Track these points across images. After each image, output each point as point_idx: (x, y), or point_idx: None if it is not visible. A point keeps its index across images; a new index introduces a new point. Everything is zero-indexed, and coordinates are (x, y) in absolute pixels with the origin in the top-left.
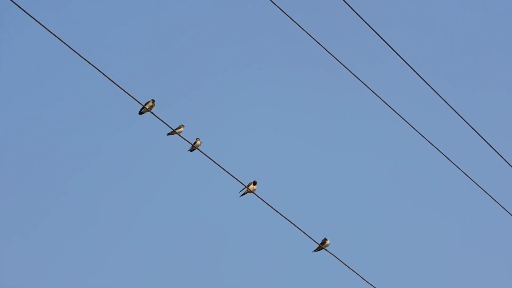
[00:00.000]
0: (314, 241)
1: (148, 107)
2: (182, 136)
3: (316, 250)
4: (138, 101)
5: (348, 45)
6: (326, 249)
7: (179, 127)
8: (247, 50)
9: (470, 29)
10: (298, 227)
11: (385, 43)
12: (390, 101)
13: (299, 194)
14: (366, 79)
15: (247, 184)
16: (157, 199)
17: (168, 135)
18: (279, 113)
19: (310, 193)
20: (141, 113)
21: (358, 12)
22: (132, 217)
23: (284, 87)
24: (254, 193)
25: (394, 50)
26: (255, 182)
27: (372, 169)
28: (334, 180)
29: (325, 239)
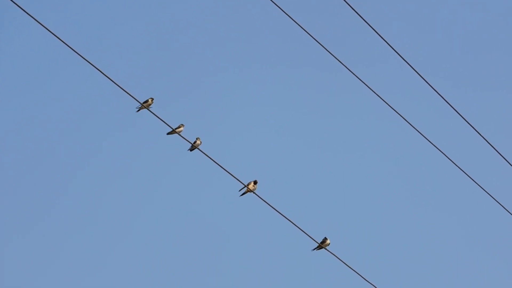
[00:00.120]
0: (314, 240)
1: (146, 105)
2: (182, 136)
3: (316, 249)
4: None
5: (348, 45)
6: (327, 249)
7: (179, 127)
8: (247, 50)
9: (471, 29)
10: (298, 226)
11: (386, 43)
12: (390, 101)
13: (299, 193)
14: (367, 79)
15: (247, 182)
16: (157, 198)
17: (168, 134)
18: (279, 113)
19: (310, 193)
20: (138, 110)
21: (358, 12)
22: (132, 217)
23: (284, 87)
24: (254, 193)
25: (394, 50)
26: (256, 181)
27: (373, 169)
28: (334, 180)
29: (325, 238)
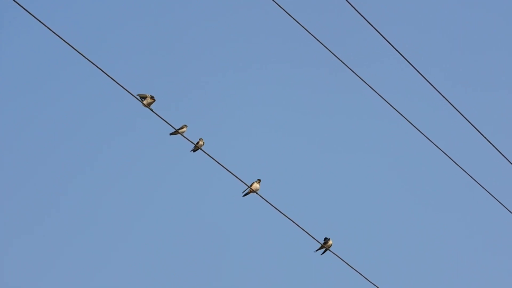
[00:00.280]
0: (317, 240)
1: (147, 103)
2: (185, 136)
3: (319, 250)
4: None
5: (349, 44)
6: (330, 249)
7: (182, 127)
8: (249, 49)
9: (471, 28)
10: (301, 226)
11: (387, 41)
12: (392, 100)
13: (301, 193)
14: (368, 78)
15: (250, 183)
16: (159, 199)
17: (171, 135)
18: (281, 113)
19: (312, 193)
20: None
21: (359, 11)
22: (135, 217)
23: (286, 87)
24: (257, 193)
25: (395, 48)
26: (259, 180)
27: (375, 168)
28: (337, 180)
29: (328, 239)
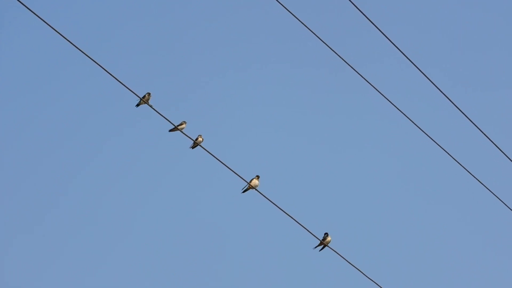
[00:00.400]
0: (316, 237)
1: (145, 99)
2: (184, 133)
3: (318, 246)
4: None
5: (350, 43)
6: (328, 246)
7: (181, 124)
8: (249, 49)
9: (473, 28)
10: (300, 223)
11: (389, 40)
12: (393, 99)
13: (301, 191)
14: (369, 77)
15: (249, 179)
16: (159, 196)
17: (170, 131)
18: (281, 112)
19: (312, 191)
20: (137, 105)
21: (361, 10)
22: (134, 215)
23: (286, 86)
24: (256, 189)
25: (397, 47)
26: (258, 176)
27: (375, 167)
28: (337, 178)
29: (326, 235)
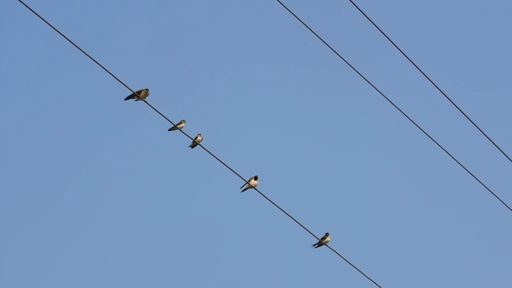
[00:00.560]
0: (315, 236)
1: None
2: (184, 131)
3: (316, 245)
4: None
5: (350, 43)
6: (327, 245)
7: (180, 123)
8: (249, 49)
9: (473, 27)
10: (299, 222)
11: (389, 40)
12: (393, 98)
13: (301, 190)
14: (369, 76)
15: (248, 179)
16: (158, 195)
17: (170, 130)
18: (282, 112)
19: (312, 190)
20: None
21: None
22: (134, 214)
23: (287, 86)
24: (256, 189)
25: (397, 47)
26: (256, 177)
27: (375, 166)
28: (337, 177)
29: (327, 235)
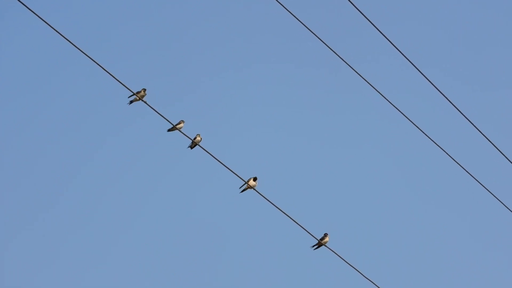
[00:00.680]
0: (314, 237)
1: (140, 96)
2: (183, 132)
3: (315, 246)
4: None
5: (350, 43)
6: (326, 245)
7: (179, 123)
8: (249, 49)
9: (474, 27)
10: (298, 222)
11: (388, 40)
12: (392, 99)
13: (300, 191)
14: (368, 76)
15: (247, 179)
16: (157, 195)
17: (169, 131)
18: (281, 111)
19: (311, 191)
20: (131, 102)
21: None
22: (133, 214)
23: (286, 86)
24: (254, 189)
25: (396, 47)
26: (255, 178)
27: (374, 167)
28: (337, 178)
29: (325, 235)
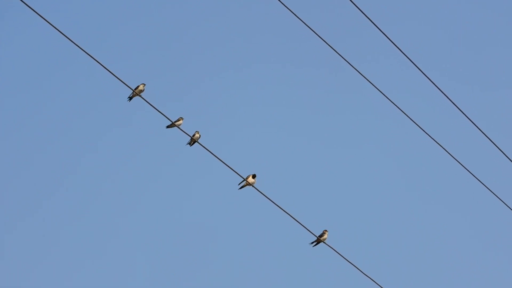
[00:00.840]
0: (313, 233)
1: (138, 91)
2: (181, 129)
3: (314, 243)
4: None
5: (350, 42)
6: (325, 242)
7: (178, 120)
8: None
9: (474, 27)
10: (297, 219)
11: (389, 39)
12: (393, 98)
13: (300, 189)
14: (369, 76)
15: (246, 176)
16: (155, 192)
17: (167, 128)
18: (281, 110)
19: (311, 189)
20: (130, 98)
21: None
22: (131, 211)
23: (286, 86)
24: (253, 186)
25: (397, 46)
26: (254, 175)
27: (375, 166)
28: (337, 177)
29: (324, 232)
